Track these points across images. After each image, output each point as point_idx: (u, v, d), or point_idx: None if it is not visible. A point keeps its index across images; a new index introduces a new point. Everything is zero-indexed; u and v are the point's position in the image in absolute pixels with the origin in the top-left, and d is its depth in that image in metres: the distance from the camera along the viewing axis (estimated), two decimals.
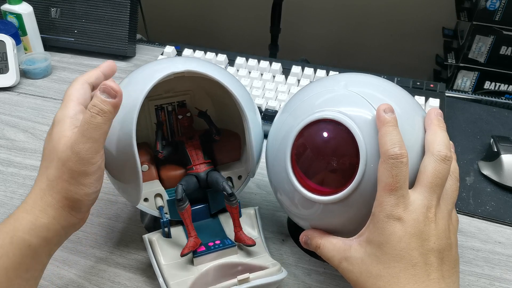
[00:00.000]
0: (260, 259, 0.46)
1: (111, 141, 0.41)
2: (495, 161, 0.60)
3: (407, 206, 0.35)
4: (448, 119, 0.71)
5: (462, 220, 0.55)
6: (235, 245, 0.46)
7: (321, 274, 0.48)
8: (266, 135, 0.46)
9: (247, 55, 0.78)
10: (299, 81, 0.75)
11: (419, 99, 0.70)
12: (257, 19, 1.20)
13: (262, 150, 0.49)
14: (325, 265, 0.49)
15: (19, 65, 0.78)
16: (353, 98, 0.40)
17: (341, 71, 0.74)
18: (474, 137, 0.68)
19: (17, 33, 0.80)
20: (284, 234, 0.53)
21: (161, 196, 0.47)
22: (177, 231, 0.47)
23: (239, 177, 0.50)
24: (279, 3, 1.01)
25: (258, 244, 0.47)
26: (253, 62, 0.77)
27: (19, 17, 0.80)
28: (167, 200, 0.47)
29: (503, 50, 0.93)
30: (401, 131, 0.37)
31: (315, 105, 0.41)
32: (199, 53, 0.80)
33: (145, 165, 0.47)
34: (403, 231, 0.35)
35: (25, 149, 0.65)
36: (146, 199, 0.47)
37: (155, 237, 0.46)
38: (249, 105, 0.45)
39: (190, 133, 0.50)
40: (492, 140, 0.63)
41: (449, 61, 0.99)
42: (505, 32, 0.90)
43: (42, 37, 0.85)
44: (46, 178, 0.38)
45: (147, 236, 0.46)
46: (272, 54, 1.08)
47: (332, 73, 0.75)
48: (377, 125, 0.37)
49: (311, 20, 1.37)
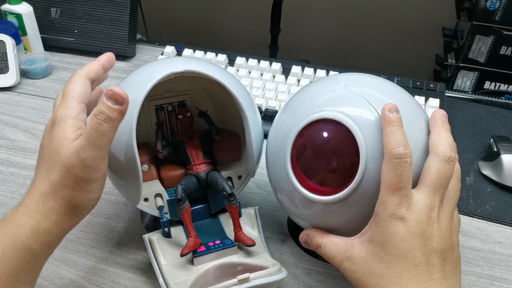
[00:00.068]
0: (260, 259, 0.46)
1: None
2: (495, 161, 0.60)
3: (410, 206, 0.35)
4: (448, 119, 0.71)
5: (462, 220, 0.55)
6: (235, 245, 0.46)
7: (321, 274, 0.48)
8: (266, 135, 0.46)
9: (247, 55, 0.78)
10: (299, 81, 0.75)
11: (419, 99, 0.70)
12: (257, 19, 1.20)
13: (262, 150, 0.49)
14: (325, 265, 0.49)
15: (19, 65, 0.78)
16: (353, 98, 0.40)
17: (341, 71, 0.74)
18: (474, 137, 0.68)
19: (17, 33, 0.80)
20: (284, 234, 0.53)
21: (161, 196, 0.47)
22: (177, 231, 0.47)
23: (239, 177, 0.50)
24: (279, 3, 1.01)
25: (258, 244, 0.47)
26: (253, 62, 0.77)
27: (19, 17, 0.80)
28: (167, 200, 0.47)
29: (503, 50, 0.93)
30: None
31: (315, 105, 0.41)
32: (199, 53, 0.80)
33: (145, 165, 0.47)
34: (406, 231, 0.35)
35: (25, 149, 0.65)
36: (146, 199, 0.47)
37: (155, 237, 0.46)
38: (249, 105, 0.45)
39: (190, 133, 0.50)
40: (492, 140, 0.63)
41: (449, 61, 0.99)
42: (505, 32, 0.90)
43: (42, 37, 0.85)
44: (48, 183, 0.37)
45: (147, 236, 0.46)
46: (272, 54, 1.08)
47: (332, 73, 0.75)
48: (382, 124, 0.37)
49: (311, 20, 1.37)
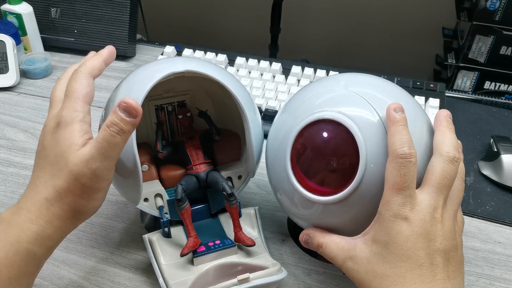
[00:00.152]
0: (260, 259, 0.46)
1: None
2: (495, 161, 0.60)
3: (414, 206, 0.35)
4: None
5: None
6: (235, 245, 0.46)
7: (321, 274, 0.48)
8: (266, 135, 0.46)
9: (247, 55, 0.78)
10: (299, 81, 0.75)
11: (419, 99, 0.70)
12: (257, 19, 1.20)
13: (262, 150, 0.49)
14: (325, 265, 0.49)
15: (19, 65, 0.78)
16: (353, 98, 0.40)
17: (341, 71, 0.74)
18: (474, 137, 0.68)
19: (17, 33, 0.80)
20: (284, 234, 0.53)
21: (161, 196, 0.47)
22: (177, 231, 0.47)
23: (239, 177, 0.50)
24: (279, 3, 1.01)
25: (258, 244, 0.47)
26: (253, 62, 0.77)
27: (19, 17, 0.80)
28: (167, 200, 0.47)
29: (503, 50, 0.93)
30: None
31: (315, 105, 0.41)
32: (199, 53, 0.80)
33: (145, 165, 0.47)
34: (409, 231, 0.35)
35: (25, 149, 0.65)
36: (146, 199, 0.47)
37: (155, 237, 0.46)
38: (249, 105, 0.45)
39: (190, 133, 0.50)
40: (492, 140, 0.63)
41: (449, 61, 0.99)
42: (505, 32, 0.90)
43: (42, 37, 0.85)
44: (53, 188, 0.36)
45: (147, 236, 0.46)
46: (272, 54, 1.08)
47: (332, 73, 0.75)
48: (387, 124, 0.37)
49: (311, 20, 1.37)
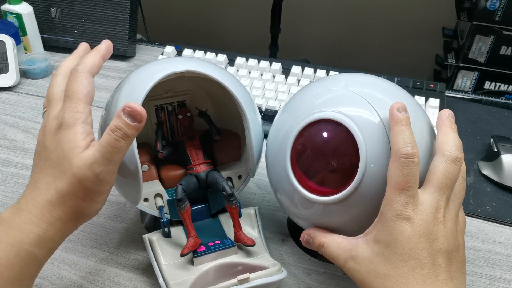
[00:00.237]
0: (260, 259, 0.46)
1: None
2: (495, 161, 0.60)
3: (416, 206, 0.35)
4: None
5: None
6: (235, 245, 0.46)
7: (321, 274, 0.48)
8: (266, 135, 0.46)
9: (247, 55, 0.78)
10: (299, 81, 0.75)
11: (419, 99, 0.70)
12: (257, 19, 1.20)
13: (262, 150, 0.49)
14: (325, 265, 0.49)
15: (19, 65, 0.78)
16: (353, 98, 0.40)
17: (341, 71, 0.74)
18: (474, 137, 0.68)
19: (17, 33, 0.80)
20: (284, 234, 0.53)
21: (161, 196, 0.47)
22: (177, 231, 0.47)
23: (239, 177, 0.50)
24: (279, 3, 1.01)
25: (258, 244, 0.47)
26: (253, 62, 0.77)
27: (19, 17, 0.80)
28: (167, 200, 0.47)
29: (503, 50, 0.93)
30: None
31: (315, 105, 0.41)
32: (199, 53, 0.80)
33: (145, 165, 0.47)
34: (412, 231, 0.35)
35: (25, 149, 0.65)
36: (146, 199, 0.47)
37: (155, 237, 0.46)
38: (249, 105, 0.45)
39: (190, 133, 0.50)
40: (492, 140, 0.63)
41: (449, 61, 0.99)
42: (505, 32, 0.90)
43: (42, 37, 0.85)
44: (56, 191, 0.36)
45: (147, 236, 0.46)
46: (272, 54, 1.08)
47: (332, 73, 0.75)
48: (390, 123, 0.37)
49: (311, 20, 1.37)
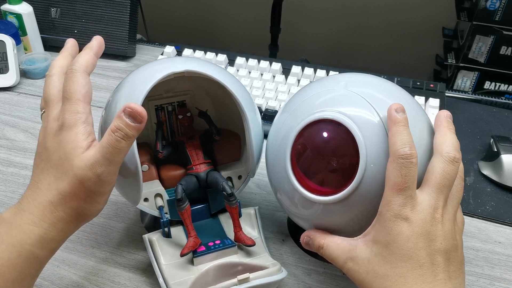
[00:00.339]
0: (260, 259, 0.46)
1: None
2: (495, 161, 0.60)
3: (414, 206, 0.35)
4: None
5: None
6: (235, 245, 0.46)
7: (321, 274, 0.48)
8: (266, 135, 0.46)
9: (247, 55, 0.78)
10: (299, 81, 0.75)
11: (419, 99, 0.70)
12: (257, 19, 1.20)
13: (262, 150, 0.49)
14: (325, 265, 0.49)
15: (19, 65, 0.78)
16: (353, 98, 0.40)
17: (341, 71, 0.74)
18: (474, 137, 0.68)
19: (17, 33, 0.80)
20: (284, 234, 0.53)
21: (161, 196, 0.47)
22: (177, 231, 0.47)
23: (239, 177, 0.50)
24: (279, 3, 1.01)
25: (258, 244, 0.47)
26: (253, 62, 0.77)
27: (19, 17, 0.80)
28: (167, 200, 0.47)
29: (503, 50, 0.92)
30: None
31: (315, 105, 0.41)
32: (199, 53, 0.80)
33: (145, 165, 0.47)
34: (410, 231, 0.35)
35: (25, 149, 0.65)
36: (146, 199, 0.47)
37: (155, 237, 0.46)
38: (249, 105, 0.45)
39: (190, 133, 0.50)
40: (492, 140, 0.63)
41: (449, 61, 0.99)
42: (505, 32, 0.90)
43: (42, 37, 0.85)
44: (57, 191, 0.36)
45: (147, 236, 0.46)
46: (272, 54, 1.08)
47: (332, 73, 0.75)
48: (388, 124, 0.37)
49: (311, 20, 1.37)
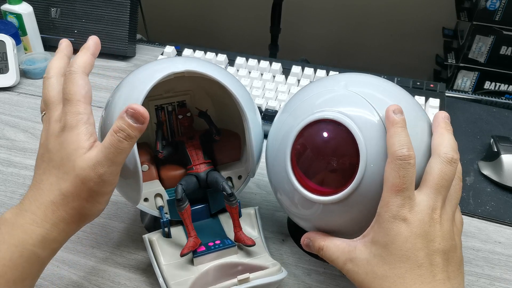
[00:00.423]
0: (260, 259, 0.46)
1: None
2: (495, 161, 0.60)
3: (412, 207, 0.35)
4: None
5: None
6: (235, 245, 0.46)
7: (321, 274, 0.48)
8: (266, 135, 0.46)
9: (247, 55, 0.78)
10: (299, 81, 0.75)
11: (419, 99, 0.70)
12: (257, 19, 1.20)
13: (262, 150, 0.49)
14: (325, 265, 0.49)
15: (19, 65, 0.78)
16: (353, 98, 0.40)
17: (341, 71, 0.74)
18: (474, 137, 0.68)
19: (17, 33, 0.80)
20: (284, 234, 0.53)
21: (161, 196, 0.47)
22: (177, 231, 0.47)
23: (239, 177, 0.50)
24: (279, 3, 1.01)
25: (258, 244, 0.47)
26: (253, 62, 0.77)
27: (19, 17, 0.80)
28: (167, 200, 0.47)
29: (503, 50, 0.92)
30: None
31: (315, 105, 0.41)
32: (199, 53, 0.80)
33: (145, 165, 0.47)
34: (408, 232, 0.35)
35: (25, 149, 0.65)
36: (146, 199, 0.47)
37: (155, 237, 0.46)
38: (249, 105, 0.45)
39: (190, 133, 0.50)
40: (492, 140, 0.63)
41: (449, 61, 0.99)
42: (505, 32, 0.90)
43: (42, 37, 0.85)
44: (59, 192, 0.37)
45: (147, 236, 0.46)
46: (272, 54, 1.08)
47: (332, 73, 0.75)
48: (386, 126, 0.37)
49: (311, 20, 1.37)
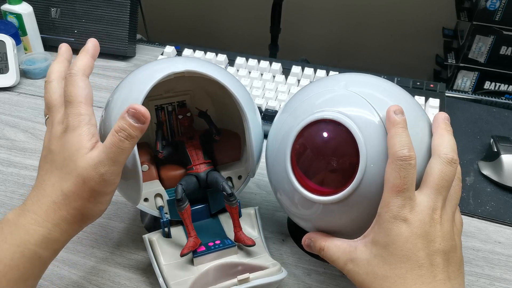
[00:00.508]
0: (260, 259, 0.46)
1: None
2: (495, 161, 0.60)
3: (413, 208, 0.35)
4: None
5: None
6: (235, 245, 0.46)
7: (321, 274, 0.48)
8: (266, 135, 0.46)
9: (247, 55, 0.78)
10: (299, 81, 0.75)
11: (419, 99, 0.70)
12: (257, 19, 1.20)
13: (262, 150, 0.49)
14: (325, 265, 0.49)
15: (19, 65, 0.78)
16: (353, 98, 0.40)
17: (341, 71, 0.74)
18: (474, 137, 0.68)
19: (17, 33, 0.80)
20: (284, 234, 0.53)
21: (161, 196, 0.47)
22: (177, 231, 0.47)
23: (239, 177, 0.50)
24: (279, 3, 1.01)
25: (258, 244, 0.47)
26: (253, 62, 0.77)
27: (19, 17, 0.80)
28: (167, 200, 0.47)
29: (503, 50, 0.92)
30: None
31: (315, 105, 0.41)
32: (199, 53, 0.80)
33: (145, 165, 0.47)
34: (409, 232, 0.35)
35: (25, 149, 0.65)
36: (146, 199, 0.47)
37: (155, 237, 0.46)
38: (249, 105, 0.45)
39: (190, 133, 0.50)
40: (492, 140, 0.63)
41: (449, 61, 0.99)
42: (505, 32, 0.90)
43: (42, 37, 0.85)
44: (61, 192, 0.37)
45: (147, 236, 0.46)
46: (272, 54, 1.08)
47: (332, 73, 0.75)
48: (387, 126, 0.37)
49: (311, 20, 1.37)
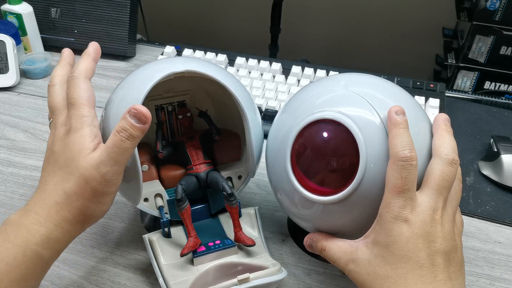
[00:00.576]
0: (260, 259, 0.46)
1: None
2: (495, 161, 0.60)
3: (414, 208, 0.35)
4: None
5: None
6: (235, 245, 0.46)
7: (321, 274, 0.48)
8: (266, 135, 0.46)
9: (247, 55, 0.78)
10: (299, 81, 0.75)
11: (419, 99, 0.70)
12: (257, 19, 1.20)
13: (262, 150, 0.49)
14: (325, 265, 0.49)
15: (19, 65, 0.78)
16: (353, 98, 0.40)
17: (341, 71, 0.74)
18: (474, 137, 0.68)
19: (17, 33, 0.80)
20: (284, 234, 0.53)
21: (161, 196, 0.47)
22: (177, 231, 0.47)
23: (239, 177, 0.50)
24: (279, 3, 1.01)
25: (258, 244, 0.47)
26: (253, 62, 0.77)
27: (19, 17, 0.80)
28: (167, 200, 0.47)
29: (503, 50, 0.92)
30: None
31: (315, 105, 0.41)
32: (199, 53, 0.80)
33: (145, 165, 0.47)
34: (410, 232, 0.35)
35: (25, 149, 0.65)
36: (146, 199, 0.47)
37: (155, 237, 0.46)
38: (249, 105, 0.45)
39: (190, 133, 0.50)
40: (492, 140, 0.63)
41: (449, 61, 0.99)
42: (505, 32, 0.90)
43: (42, 37, 0.85)
44: (63, 192, 0.37)
45: (147, 236, 0.46)
46: (272, 54, 1.08)
47: (332, 73, 0.75)
48: (388, 127, 0.37)
49: (311, 20, 1.37)
